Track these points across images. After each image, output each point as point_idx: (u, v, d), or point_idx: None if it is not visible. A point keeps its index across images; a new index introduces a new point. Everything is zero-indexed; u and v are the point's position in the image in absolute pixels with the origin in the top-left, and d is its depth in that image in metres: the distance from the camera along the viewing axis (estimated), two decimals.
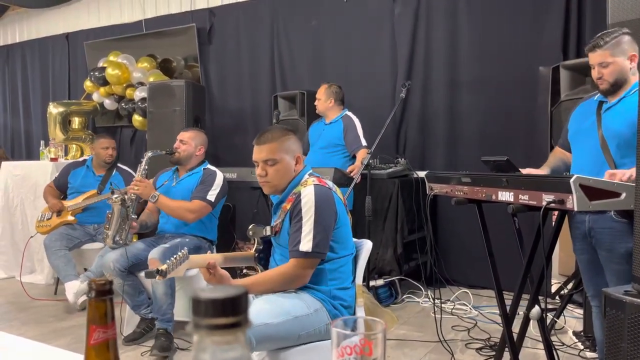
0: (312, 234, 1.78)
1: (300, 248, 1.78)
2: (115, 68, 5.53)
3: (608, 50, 2.03)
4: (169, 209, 2.98)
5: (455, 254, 4.27)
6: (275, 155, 1.89)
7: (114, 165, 4.03)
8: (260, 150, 1.91)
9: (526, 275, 2.00)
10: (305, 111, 4.46)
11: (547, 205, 1.64)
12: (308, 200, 1.82)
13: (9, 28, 7.54)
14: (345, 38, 4.79)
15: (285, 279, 1.80)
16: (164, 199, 2.95)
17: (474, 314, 3.51)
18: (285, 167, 1.91)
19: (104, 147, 3.93)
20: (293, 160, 1.94)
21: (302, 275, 1.80)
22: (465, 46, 4.25)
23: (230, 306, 0.41)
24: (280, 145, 1.91)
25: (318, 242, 1.78)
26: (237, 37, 5.41)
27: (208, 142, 5.35)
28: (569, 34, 3.83)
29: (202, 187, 3.09)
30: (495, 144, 4.11)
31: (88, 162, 4.03)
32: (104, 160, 3.94)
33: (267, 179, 1.91)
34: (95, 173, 3.98)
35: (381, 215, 3.91)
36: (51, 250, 3.67)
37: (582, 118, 2.22)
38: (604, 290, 1.43)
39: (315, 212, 1.80)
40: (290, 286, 1.83)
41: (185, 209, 2.98)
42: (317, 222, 1.79)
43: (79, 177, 3.96)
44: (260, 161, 1.92)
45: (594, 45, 2.07)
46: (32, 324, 3.39)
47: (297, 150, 1.97)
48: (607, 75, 2.05)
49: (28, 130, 7.25)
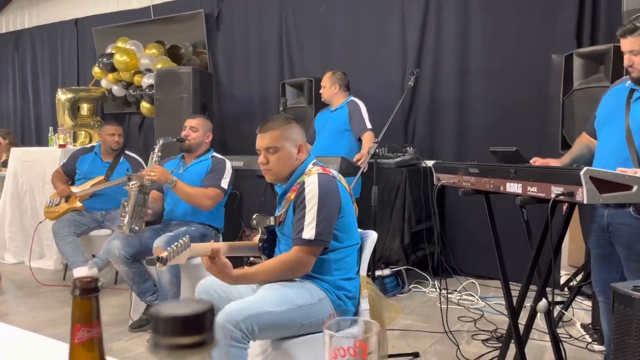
0: (315, 222, 1.76)
1: (303, 236, 1.76)
2: (123, 54, 5.51)
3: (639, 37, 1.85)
4: (186, 195, 2.95)
5: (463, 244, 4.24)
6: (277, 143, 1.88)
7: (121, 152, 4.03)
8: (262, 138, 1.90)
9: (533, 267, 1.97)
10: (313, 99, 4.43)
11: (555, 197, 1.60)
12: (312, 189, 1.81)
13: (18, 14, 7.53)
14: (355, 24, 4.73)
15: (288, 267, 1.78)
16: (182, 184, 2.93)
17: (481, 305, 3.49)
18: (286, 155, 1.89)
19: (110, 134, 3.93)
20: (295, 149, 1.92)
21: (305, 263, 1.78)
22: (476, 34, 4.17)
23: (193, 324, 0.36)
24: (282, 133, 1.89)
25: (321, 230, 1.76)
26: (245, 23, 5.37)
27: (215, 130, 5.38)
28: (583, 21, 3.73)
29: (214, 174, 3.10)
30: (505, 133, 4.05)
31: (96, 149, 4.04)
32: (111, 146, 3.94)
33: (268, 167, 1.90)
34: (103, 159, 3.98)
35: (388, 205, 3.89)
36: (60, 237, 3.69)
37: (611, 104, 2.07)
38: (612, 285, 1.40)
39: (319, 201, 1.78)
40: (293, 275, 1.81)
41: (204, 195, 2.98)
42: (320, 210, 1.77)
43: (86, 163, 3.97)
44: (262, 149, 1.91)
45: (627, 30, 1.89)
46: (40, 310, 3.42)
47: (300, 139, 1.95)
48: (638, 63, 1.88)
49: (38, 116, 7.27)
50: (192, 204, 3.00)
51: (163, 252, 1.65)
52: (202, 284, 1.95)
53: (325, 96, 3.93)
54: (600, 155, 2.08)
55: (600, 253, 2.12)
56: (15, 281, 4.14)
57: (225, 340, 1.58)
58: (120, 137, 3.97)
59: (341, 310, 1.82)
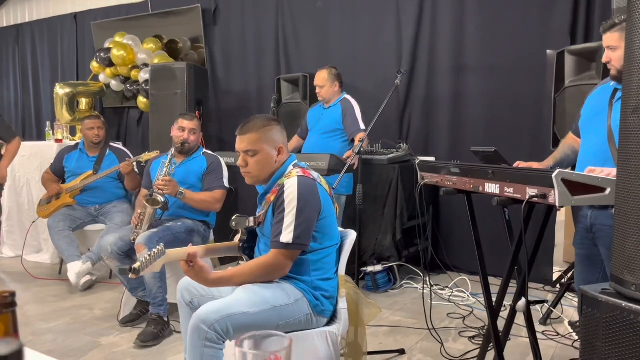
0: (293, 226, 1.77)
1: (281, 239, 1.77)
2: (121, 49, 5.52)
3: (618, 33, 1.84)
4: (196, 202, 3.04)
5: (456, 241, 4.24)
6: (255, 146, 1.88)
7: (106, 145, 4.04)
8: (241, 141, 1.91)
9: (512, 267, 1.97)
10: (308, 94, 4.42)
11: (529, 199, 1.61)
12: (291, 192, 1.80)
13: (19, 7, 7.55)
14: (351, 20, 4.71)
15: (265, 269, 1.80)
16: (190, 194, 3.01)
17: (472, 302, 3.50)
18: (265, 158, 1.89)
19: (89, 128, 3.94)
20: (275, 151, 1.92)
21: (282, 266, 1.79)
22: (471, 30, 4.15)
23: None
24: (261, 135, 1.89)
25: (299, 233, 1.77)
26: (242, 18, 5.36)
27: (212, 125, 5.41)
28: (578, 18, 3.71)
29: (214, 175, 3.18)
30: (500, 130, 4.04)
31: (80, 145, 4.05)
32: (92, 141, 3.95)
33: (247, 169, 1.91)
34: (89, 155, 3.99)
35: (381, 201, 3.89)
36: (55, 231, 3.73)
37: (595, 105, 2.06)
38: (581, 288, 1.40)
39: (298, 204, 1.78)
40: (270, 277, 1.82)
41: (213, 199, 3.09)
42: (299, 213, 1.78)
43: (73, 160, 3.99)
44: (241, 151, 1.91)
45: (608, 25, 1.87)
46: (34, 304, 3.46)
47: (280, 141, 1.94)
48: (615, 60, 1.87)
49: (38, 110, 7.31)
50: (203, 209, 3.09)
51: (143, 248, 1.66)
52: (183, 283, 1.96)
53: (325, 95, 3.82)
54: (582, 155, 2.07)
55: (583, 253, 2.13)
56: (11, 275, 4.19)
57: (200, 341, 1.60)
58: (100, 129, 3.97)
59: (318, 310, 1.83)
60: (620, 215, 1.32)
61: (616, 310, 1.29)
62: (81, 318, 3.19)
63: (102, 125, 4.00)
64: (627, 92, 1.30)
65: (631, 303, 1.26)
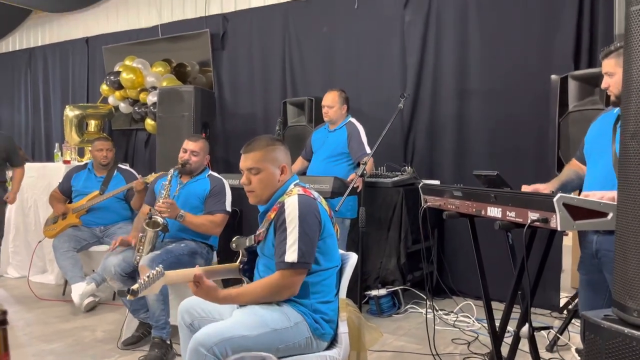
0: (297, 244, 1.76)
1: (286, 259, 1.76)
2: (130, 72, 5.62)
3: (614, 59, 1.90)
4: (195, 226, 3.04)
5: (461, 265, 4.21)
6: (259, 164, 1.90)
7: (114, 166, 4.09)
8: (245, 159, 1.93)
9: (515, 292, 1.96)
10: (314, 117, 4.46)
11: (531, 223, 1.61)
12: (292, 210, 1.81)
13: (32, 31, 7.73)
14: (356, 45, 4.78)
15: (272, 290, 1.79)
16: (190, 217, 3.02)
17: (477, 327, 3.45)
18: (268, 177, 1.91)
19: (98, 149, 4.00)
20: (278, 170, 1.93)
21: (290, 285, 1.78)
22: (475, 54, 4.19)
23: None
24: (265, 154, 1.91)
25: (304, 252, 1.76)
26: (249, 43, 5.45)
27: (218, 147, 5.45)
28: (581, 43, 3.74)
29: (217, 198, 3.17)
30: (504, 154, 4.04)
31: (89, 165, 4.11)
32: (100, 162, 4.01)
33: (250, 187, 1.92)
34: (96, 175, 4.05)
35: (385, 224, 3.88)
36: (60, 252, 3.75)
37: (599, 131, 2.09)
38: (583, 314, 1.39)
39: (299, 222, 1.79)
40: (277, 297, 1.81)
41: (212, 223, 3.09)
42: (301, 231, 1.78)
43: (81, 179, 4.04)
44: (244, 169, 1.93)
45: (606, 52, 1.94)
46: (37, 325, 3.46)
47: (284, 160, 1.96)
48: (612, 86, 1.92)
49: (48, 131, 7.41)
50: (202, 232, 3.08)
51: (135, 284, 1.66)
52: (184, 305, 1.96)
53: (333, 116, 3.84)
54: (589, 181, 2.07)
55: (588, 279, 2.10)
56: (15, 296, 4.19)
57: None
58: (109, 151, 4.03)
59: (318, 333, 1.82)
60: (621, 240, 1.32)
61: (618, 337, 1.27)
62: (83, 340, 3.18)
63: (110, 147, 4.06)
64: (625, 117, 1.30)
65: (633, 329, 1.24)
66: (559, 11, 3.80)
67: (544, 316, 3.68)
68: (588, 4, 3.70)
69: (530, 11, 3.92)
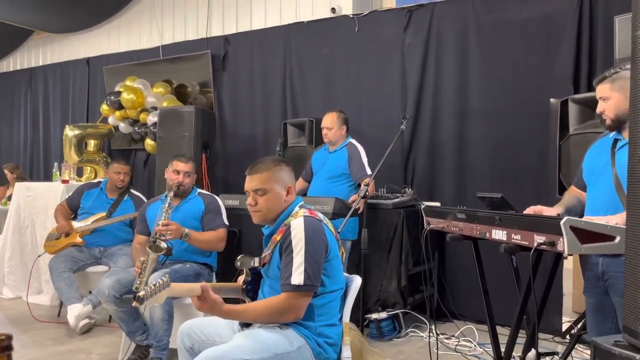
0: (303, 267, 1.74)
1: (292, 281, 1.74)
2: (130, 92, 5.63)
3: (608, 84, 1.95)
4: (201, 243, 3.05)
5: (462, 288, 4.16)
6: (265, 185, 1.89)
7: (126, 190, 4.09)
8: (251, 180, 1.92)
9: (521, 316, 1.93)
10: (314, 138, 4.46)
11: (537, 246, 1.59)
12: (298, 232, 1.80)
13: (33, 52, 7.78)
14: (356, 67, 4.81)
15: (277, 311, 1.75)
16: (195, 234, 3.02)
17: (479, 352, 3.40)
18: (275, 197, 1.90)
19: (117, 172, 4.00)
20: (284, 191, 1.93)
21: (295, 308, 1.75)
22: (475, 77, 4.22)
23: None
24: (271, 175, 1.91)
25: (310, 274, 1.74)
26: (250, 64, 5.48)
27: (218, 168, 5.44)
28: (580, 67, 3.77)
29: (213, 215, 3.18)
30: (504, 176, 4.04)
31: (102, 185, 4.11)
32: (116, 184, 4.01)
33: (257, 208, 1.91)
34: (107, 196, 4.04)
35: (386, 246, 3.85)
36: (55, 272, 3.70)
37: (597, 156, 2.11)
38: (593, 340, 1.36)
39: (306, 244, 1.77)
40: (281, 319, 1.77)
41: (217, 238, 3.11)
42: (307, 254, 1.76)
43: (91, 198, 4.03)
44: (250, 190, 1.92)
45: (600, 78, 2.00)
46: (32, 347, 3.39)
47: (289, 181, 1.96)
48: (608, 110, 1.97)
49: (47, 151, 7.40)
50: (208, 249, 3.09)
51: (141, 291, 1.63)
52: (184, 328, 1.92)
53: (332, 138, 3.86)
54: (590, 206, 2.06)
55: (595, 302, 2.08)
56: (10, 317, 4.12)
57: None
58: (126, 176, 4.04)
59: (321, 358, 1.78)
60: (631, 264, 1.30)
61: None
62: None
63: (128, 171, 4.08)
64: (633, 141, 1.30)
65: None
66: (559, 35, 3.84)
67: (546, 341, 3.64)
68: (587, 28, 3.73)
69: (530, 34, 3.96)
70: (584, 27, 3.74)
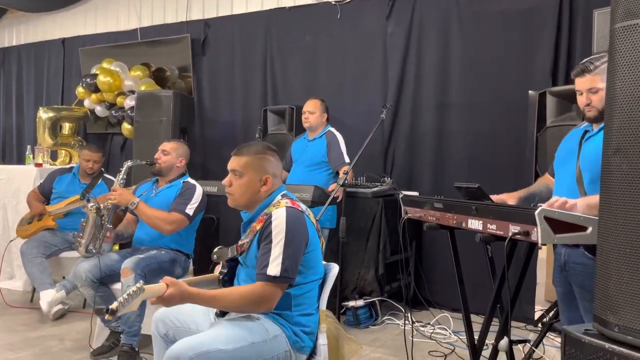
0: (281, 258, 1.72)
1: (268, 272, 1.72)
2: (107, 75, 5.52)
3: (598, 75, 1.89)
4: (146, 217, 2.92)
5: (439, 276, 4.21)
6: (242, 169, 1.88)
7: (99, 174, 4.02)
8: (232, 160, 1.92)
9: (495, 305, 1.95)
10: (294, 126, 4.43)
11: (512, 236, 1.60)
12: (279, 223, 1.77)
13: (6, 31, 7.54)
14: (338, 55, 4.78)
15: (250, 300, 1.72)
16: (144, 206, 2.91)
17: (453, 339, 3.45)
18: (247, 184, 1.88)
19: (86, 160, 3.93)
20: (259, 181, 1.90)
21: (268, 299, 1.72)
22: (455, 68, 4.23)
23: None
24: (251, 161, 1.89)
25: (287, 266, 1.72)
26: (230, 49, 5.41)
27: (197, 154, 5.37)
28: (559, 60, 3.81)
29: (180, 200, 3.04)
30: (483, 167, 4.08)
31: (75, 170, 4.04)
32: (85, 171, 3.94)
33: (230, 190, 1.90)
34: (80, 181, 3.97)
35: (364, 235, 3.87)
36: (27, 258, 3.62)
37: (567, 146, 2.14)
38: (564, 328, 1.39)
39: (286, 236, 1.75)
40: (254, 308, 1.75)
41: (163, 219, 2.93)
42: (287, 245, 1.74)
43: (64, 183, 3.96)
44: (230, 170, 1.91)
45: (583, 69, 1.94)
46: (2, 333, 3.33)
47: (271, 171, 1.92)
48: (597, 102, 1.92)
49: (20, 133, 7.22)
50: (152, 227, 2.94)
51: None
52: (158, 314, 1.90)
53: (313, 123, 3.88)
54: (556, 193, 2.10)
55: (563, 291, 2.12)
56: None
57: None
58: (96, 163, 3.95)
59: (297, 346, 1.78)
60: (603, 255, 1.32)
61: (599, 352, 1.27)
62: (50, 349, 3.07)
63: (99, 159, 3.99)
64: (608, 133, 1.31)
65: (614, 345, 1.24)
66: (539, 28, 3.87)
67: (519, 329, 3.71)
68: (567, 21, 3.77)
69: (511, 27, 3.99)
70: (564, 21, 3.78)
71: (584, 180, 1.91)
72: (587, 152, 1.97)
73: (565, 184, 2.02)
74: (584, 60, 1.95)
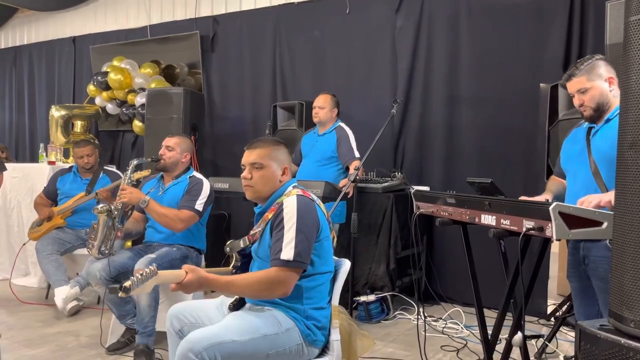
0: (294, 242, 1.74)
1: (282, 256, 1.73)
2: (118, 73, 5.55)
3: (584, 76, 2.02)
4: (157, 215, 2.92)
5: (450, 271, 4.20)
6: (263, 160, 1.90)
7: (100, 168, 4.03)
8: (249, 154, 1.93)
9: (508, 300, 1.95)
10: (304, 121, 4.43)
11: (526, 231, 1.60)
12: (290, 210, 1.80)
13: (17, 30, 7.61)
14: (347, 49, 4.77)
15: (265, 284, 1.72)
16: (154, 204, 2.92)
17: (466, 334, 3.45)
18: (270, 174, 1.91)
19: (79, 157, 3.96)
20: (280, 170, 1.94)
21: (283, 283, 1.73)
22: (465, 61, 4.20)
23: None
24: (270, 152, 1.92)
25: (300, 250, 1.74)
26: (239, 46, 5.41)
27: (207, 150, 5.40)
28: (571, 53, 3.77)
29: (189, 196, 3.04)
30: (494, 161, 4.06)
31: (74, 168, 4.05)
32: (83, 167, 3.97)
33: (251, 182, 1.91)
34: (82, 178, 3.99)
35: (375, 230, 3.87)
36: (42, 255, 3.67)
37: (572, 145, 2.18)
38: (579, 324, 1.38)
39: (297, 221, 1.77)
40: (269, 293, 1.74)
41: (175, 216, 2.93)
42: (298, 230, 1.76)
43: (67, 182, 3.98)
44: (247, 164, 1.93)
45: (569, 74, 2.06)
46: (19, 329, 3.38)
47: (286, 162, 1.97)
48: (588, 100, 2.02)
49: (32, 131, 7.29)
50: (163, 225, 2.96)
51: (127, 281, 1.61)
52: (173, 310, 1.92)
53: (322, 117, 3.88)
54: (570, 191, 2.11)
55: (578, 286, 2.11)
56: None
57: None
58: (89, 157, 3.96)
59: (310, 340, 1.79)
60: (618, 250, 1.31)
61: (615, 347, 1.27)
62: (66, 345, 3.11)
63: (90, 152, 3.98)
64: (623, 127, 1.30)
65: (630, 340, 1.23)
66: (550, 20, 3.83)
67: (532, 323, 3.69)
68: (578, 14, 3.73)
69: (521, 19, 3.95)
70: (575, 12, 3.74)
71: (600, 170, 1.93)
72: (599, 145, 2.00)
73: (580, 180, 2.04)
74: (571, 66, 2.07)
